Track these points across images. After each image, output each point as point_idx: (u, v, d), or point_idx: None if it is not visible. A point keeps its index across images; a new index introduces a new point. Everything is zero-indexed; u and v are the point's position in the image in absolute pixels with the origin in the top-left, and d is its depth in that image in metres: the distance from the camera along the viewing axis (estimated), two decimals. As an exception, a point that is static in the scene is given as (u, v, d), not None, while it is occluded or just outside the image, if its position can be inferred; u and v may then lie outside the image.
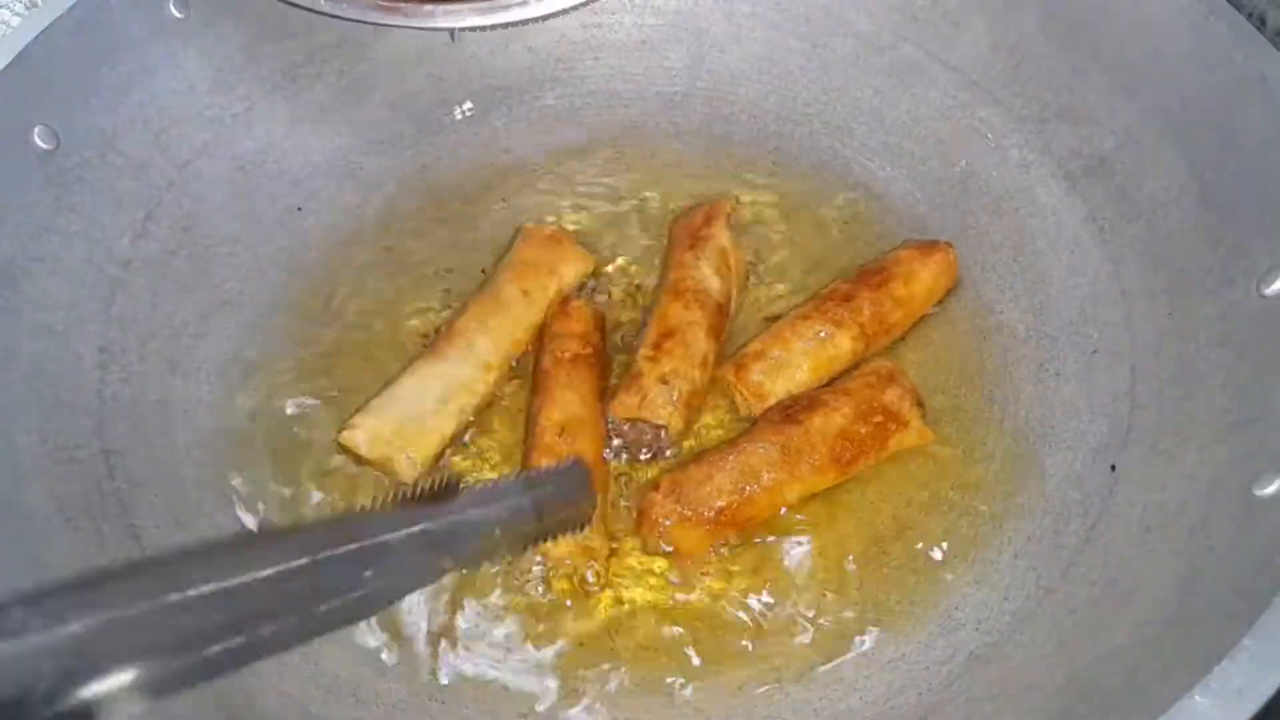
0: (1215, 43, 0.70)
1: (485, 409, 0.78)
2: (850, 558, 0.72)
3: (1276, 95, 0.66)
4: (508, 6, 0.70)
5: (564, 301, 0.82)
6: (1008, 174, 0.86)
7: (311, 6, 0.69)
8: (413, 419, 0.73)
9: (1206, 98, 0.71)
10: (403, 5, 0.69)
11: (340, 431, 0.74)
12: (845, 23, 0.93)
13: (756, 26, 0.96)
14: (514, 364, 0.80)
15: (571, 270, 0.84)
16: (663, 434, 0.75)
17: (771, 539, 0.72)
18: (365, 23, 0.71)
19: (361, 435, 0.73)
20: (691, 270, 0.81)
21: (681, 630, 0.69)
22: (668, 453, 0.76)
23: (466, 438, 0.77)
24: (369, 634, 0.69)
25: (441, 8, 0.70)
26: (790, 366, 0.76)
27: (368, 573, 0.39)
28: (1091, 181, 0.80)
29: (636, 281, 0.86)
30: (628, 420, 0.75)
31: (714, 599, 0.70)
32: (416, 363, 0.78)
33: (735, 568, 0.71)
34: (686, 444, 0.77)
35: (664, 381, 0.75)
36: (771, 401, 0.75)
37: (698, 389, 0.76)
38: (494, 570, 0.71)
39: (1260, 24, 0.73)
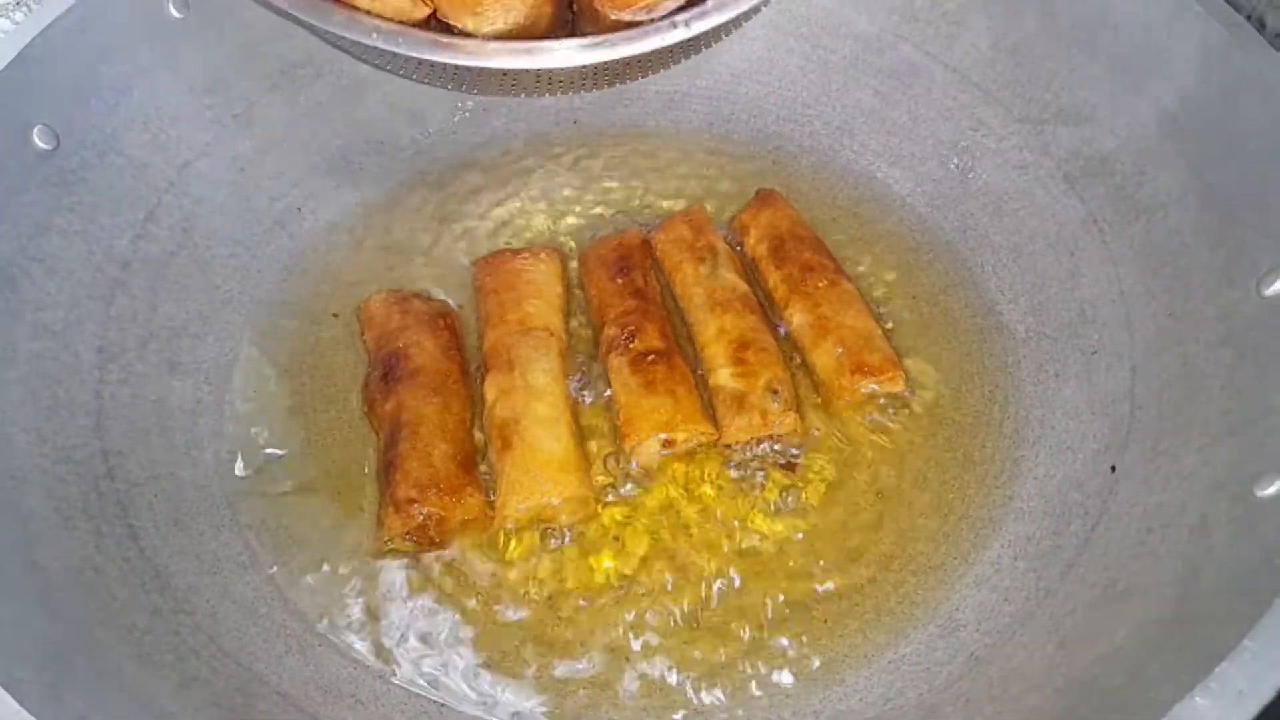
0: (1215, 44, 0.70)
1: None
2: (850, 559, 0.72)
3: (1276, 97, 0.66)
4: (596, 45, 0.60)
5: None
6: (1007, 174, 0.86)
7: (364, 39, 0.60)
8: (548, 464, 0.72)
9: (1206, 99, 0.71)
10: (463, 42, 0.59)
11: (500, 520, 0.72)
12: (845, 23, 0.93)
13: (756, 26, 0.96)
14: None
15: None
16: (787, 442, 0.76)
17: (771, 542, 0.72)
18: (417, 58, 0.61)
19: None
20: (716, 280, 0.82)
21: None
22: (794, 453, 0.76)
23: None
24: (368, 637, 0.69)
25: (508, 46, 0.60)
26: None
27: None
28: (1091, 182, 0.80)
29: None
30: (750, 441, 0.75)
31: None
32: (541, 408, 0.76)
33: (733, 568, 0.71)
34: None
35: (772, 390, 0.75)
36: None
37: (792, 386, 0.77)
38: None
39: (1260, 26, 0.73)
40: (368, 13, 0.59)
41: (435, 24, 0.61)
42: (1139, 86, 0.76)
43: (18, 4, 0.97)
